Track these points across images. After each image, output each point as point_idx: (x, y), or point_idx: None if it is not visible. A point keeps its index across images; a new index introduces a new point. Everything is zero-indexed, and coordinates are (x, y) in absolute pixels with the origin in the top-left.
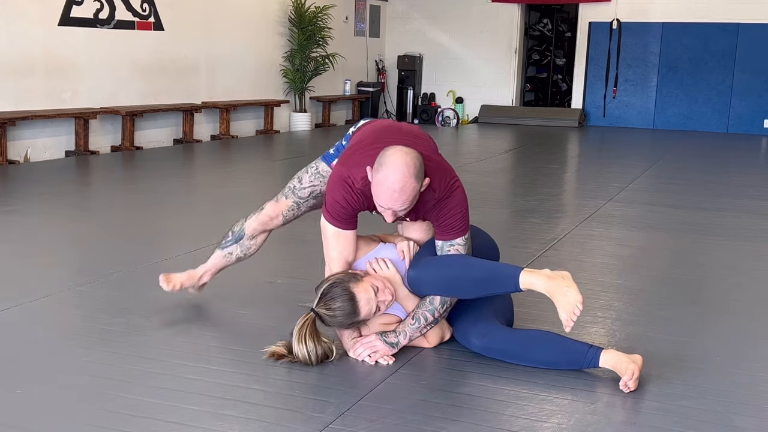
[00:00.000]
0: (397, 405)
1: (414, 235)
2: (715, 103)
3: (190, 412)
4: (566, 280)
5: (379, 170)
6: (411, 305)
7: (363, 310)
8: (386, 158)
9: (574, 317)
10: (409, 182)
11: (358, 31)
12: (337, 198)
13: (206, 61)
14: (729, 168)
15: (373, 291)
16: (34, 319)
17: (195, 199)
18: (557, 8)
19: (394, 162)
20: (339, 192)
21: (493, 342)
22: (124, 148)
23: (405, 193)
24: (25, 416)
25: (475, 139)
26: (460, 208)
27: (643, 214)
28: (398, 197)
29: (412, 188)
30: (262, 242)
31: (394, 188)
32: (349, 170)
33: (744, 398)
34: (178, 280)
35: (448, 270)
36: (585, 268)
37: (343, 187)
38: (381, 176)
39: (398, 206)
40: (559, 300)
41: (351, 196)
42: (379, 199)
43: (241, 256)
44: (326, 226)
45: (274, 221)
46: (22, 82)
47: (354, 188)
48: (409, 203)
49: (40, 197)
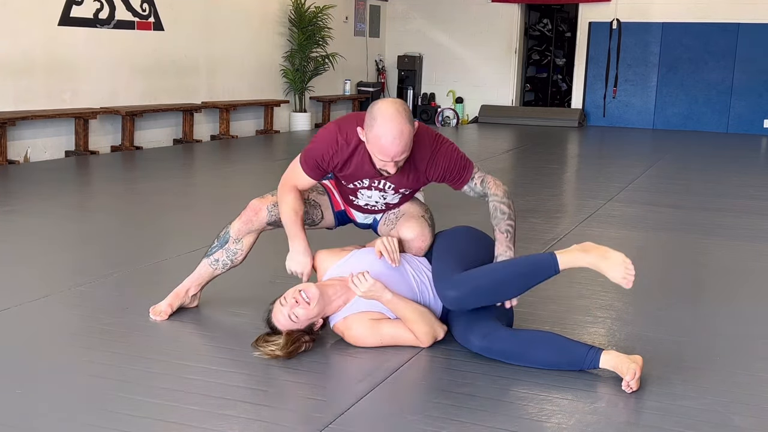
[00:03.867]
0: (397, 405)
1: (408, 234)
2: (714, 103)
3: (190, 412)
4: (599, 247)
5: (372, 125)
6: (399, 307)
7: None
8: (376, 111)
9: (630, 274)
10: (405, 127)
11: (358, 31)
12: (318, 146)
13: (206, 61)
14: (729, 168)
15: (279, 304)
16: (34, 319)
17: (195, 199)
18: (557, 8)
19: (385, 112)
20: (322, 143)
21: (493, 343)
22: (124, 148)
23: (404, 138)
24: (25, 416)
25: (475, 139)
26: (455, 151)
27: (643, 214)
28: (399, 143)
29: (408, 132)
30: (249, 247)
31: (393, 135)
32: (343, 126)
33: (744, 398)
34: (165, 305)
35: (487, 278)
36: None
37: (330, 139)
38: (377, 129)
39: (399, 152)
40: (604, 265)
41: (334, 149)
42: (380, 153)
43: (228, 263)
44: (295, 163)
45: (258, 217)
46: (22, 82)
47: (338, 143)
48: (408, 149)
49: (40, 197)
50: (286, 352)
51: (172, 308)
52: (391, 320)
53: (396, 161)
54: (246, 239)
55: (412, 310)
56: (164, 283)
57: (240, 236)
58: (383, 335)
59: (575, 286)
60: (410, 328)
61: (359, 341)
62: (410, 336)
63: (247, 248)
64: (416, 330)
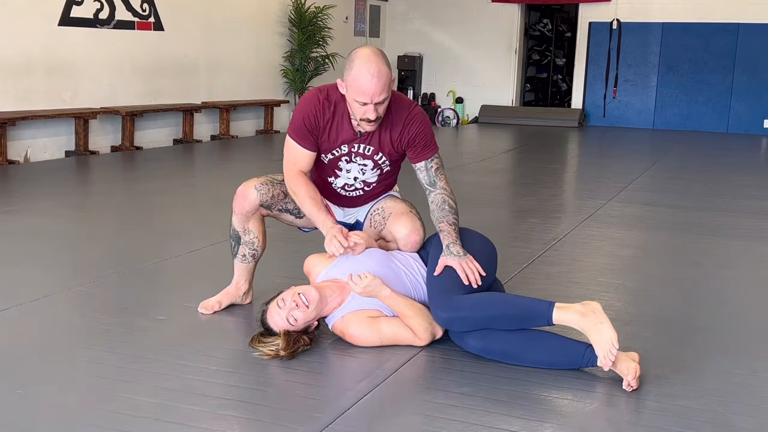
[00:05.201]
0: (397, 405)
1: (401, 230)
2: (714, 103)
3: (190, 412)
4: (598, 314)
5: (351, 68)
6: (397, 302)
7: (275, 324)
8: (353, 55)
9: (611, 356)
10: (383, 68)
11: (358, 31)
12: (302, 110)
13: (206, 61)
14: (729, 168)
15: (277, 306)
16: (34, 319)
17: (195, 199)
18: (557, 8)
19: (362, 54)
20: (305, 105)
21: (491, 343)
22: (124, 148)
23: (382, 77)
24: (26, 416)
25: (475, 139)
26: (429, 123)
27: (643, 214)
28: (377, 81)
29: (387, 74)
30: (260, 232)
31: (372, 73)
32: (322, 88)
33: (744, 398)
34: (214, 300)
35: (483, 311)
36: (585, 268)
37: (311, 100)
38: (355, 71)
39: (378, 90)
40: (594, 338)
41: (316, 107)
42: (361, 94)
43: (253, 253)
44: (287, 142)
45: (248, 199)
46: (22, 82)
47: (320, 101)
48: (386, 91)
49: (40, 197)
50: (289, 352)
51: (220, 305)
52: (390, 318)
53: (376, 104)
54: (252, 226)
55: (410, 306)
56: (164, 283)
57: (244, 227)
58: (382, 333)
59: (575, 286)
60: (408, 324)
61: (358, 339)
62: (409, 334)
63: (260, 233)
64: (414, 325)
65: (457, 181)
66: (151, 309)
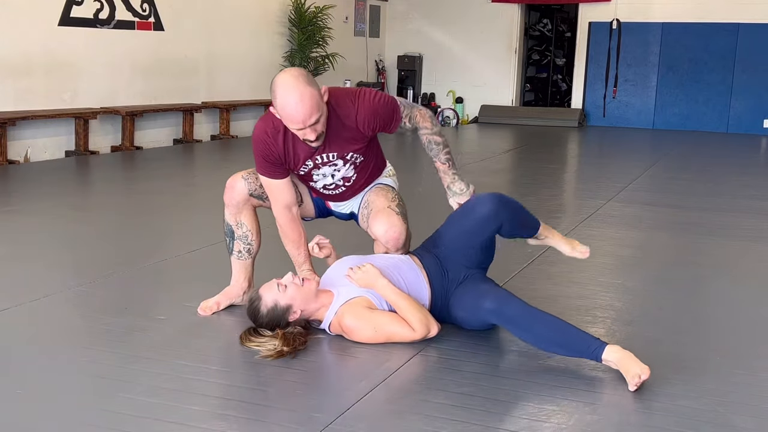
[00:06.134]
0: (397, 405)
1: (377, 229)
2: (714, 103)
3: (190, 412)
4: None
5: (275, 97)
6: (392, 292)
7: (265, 302)
8: (275, 84)
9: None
10: (306, 89)
11: (358, 31)
12: (256, 148)
13: (206, 61)
14: (729, 168)
15: (275, 287)
16: (34, 319)
17: (195, 199)
18: (557, 8)
19: (282, 83)
20: (257, 145)
21: (506, 307)
22: (124, 148)
23: (306, 101)
24: (25, 416)
25: (475, 139)
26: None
27: (643, 214)
28: (302, 106)
29: (310, 94)
30: (253, 225)
31: (295, 100)
32: (264, 118)
33: (744, 398)
34: (213, 302)
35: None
36: (585, 268)
37: (260, 136)
38: (279, 101)
39: (307, 115)
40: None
41: (266, 140)
42: (291, 122)
43: (247, 248)
44: (261, 181)
45: (236, 190)
46: (22, 82)
47: (268, 133)
48: (317, 110)
49: (40, 197)
50: (292, 347)
51: (219, 306)
52: (385, 311)
53: (310, 125)
54: (244, 219)
55: (405, 298)
56: (164, 283)
57: (237, 219)
58: (376, 322)
59: (575, 286)
60: (403, 315)
61: (354, 331)
62: (404, 329)
63: (253, 227)
64: (409, 317)
65: None
66: (151, 309)
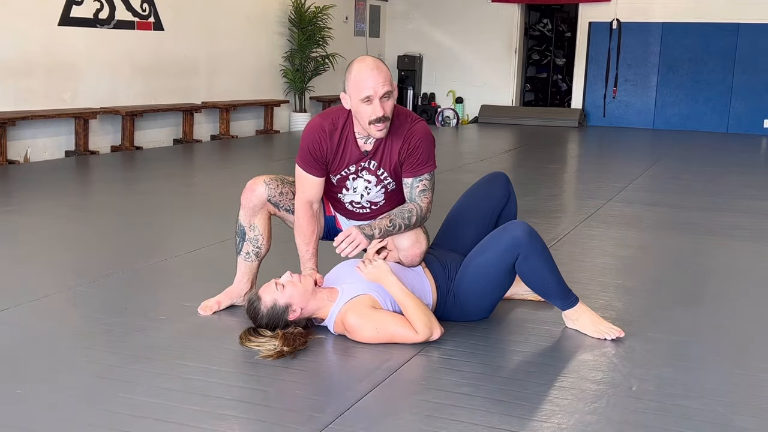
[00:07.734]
0: (397, 405)
1: (403, 242)
2: (714, 103)
3: (190, 412)
4: None
5: (350, 71)
6: (399, 289)
7: (264, 302)
8: (350, 64)
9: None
10: (381, 64)
11: (358, 31)
12: (307, 138)
13: (206, 61)
14: (729, 168)
15: (273, 286)
16: (34, 319)
17: (195, 199)
18: (557, 8)
19: (358, 59)
20: (309, 136)
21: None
22: (124, 148)
23: (382, 70)
24: (25, 416)
25: (475, 139)
26: (426, 140)
27: (643, 214)
28: (377, 73)
29: (386, 69)
30: (266, 230)
31: (371, 67)
32: (325, 114)
33: (744, 398)
34: (213, 302)
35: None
36: (585, 268)
37: (315, 128)
38: (354, 72)
39: (381, 80)
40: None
41: (321, 135)
42: (362, 90)
43: (256, 251)
44: (296, 170)
45: (256, 193)
46: (22, 82)
47: (324, 128)
48: (390, 86)
49: (40, 197)
50: (293, 347)
51: (219, 305)
52: (389, 311)
53: (381, 98)
54: (258, 223)
55: (412, 297)
56: (164, 283)
57: (250, 222)
58: (378, 322)
59: (575, 287)
60: (407, 315)
61: (356, 330)
62: (407, 331)
63: (265, 231)
64: (413, 318)
65: (457, 181)
66: (151, 309)
